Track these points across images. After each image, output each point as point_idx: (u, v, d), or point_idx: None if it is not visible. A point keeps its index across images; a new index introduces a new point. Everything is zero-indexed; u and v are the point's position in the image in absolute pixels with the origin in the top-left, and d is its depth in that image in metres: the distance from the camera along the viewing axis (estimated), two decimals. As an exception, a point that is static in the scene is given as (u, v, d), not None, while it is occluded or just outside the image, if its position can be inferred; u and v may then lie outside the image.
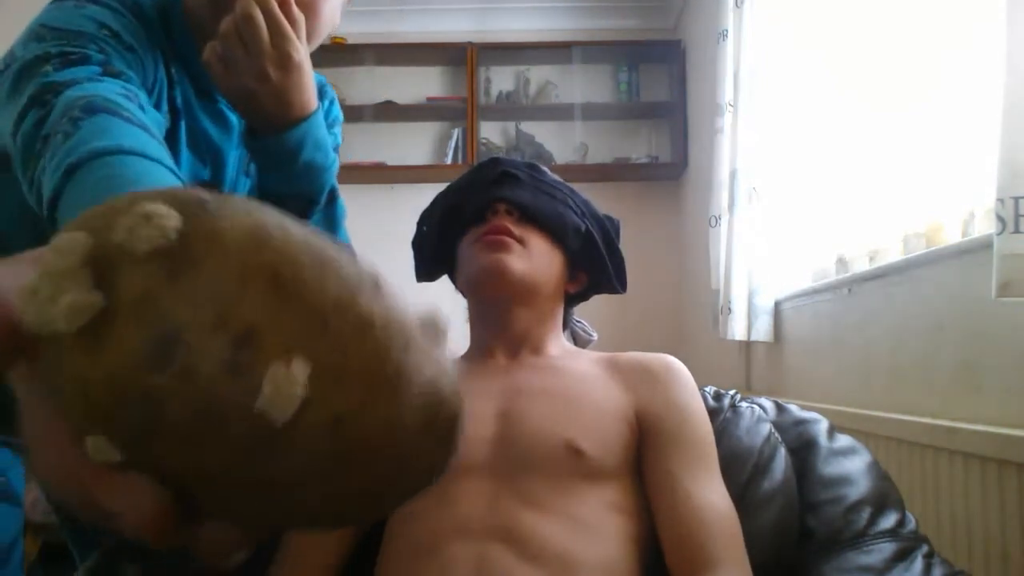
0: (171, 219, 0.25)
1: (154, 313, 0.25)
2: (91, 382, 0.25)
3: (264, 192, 0.82)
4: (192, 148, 0.81)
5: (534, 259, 0.91)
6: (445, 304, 1.16)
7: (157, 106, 0.74)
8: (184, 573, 0.91)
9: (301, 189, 0.81)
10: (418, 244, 1.01)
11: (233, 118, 0.84)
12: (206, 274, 0.25)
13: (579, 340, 1.11)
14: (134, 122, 0.59)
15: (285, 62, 0.73)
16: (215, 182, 0.84)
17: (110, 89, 0.63)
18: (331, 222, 0.85)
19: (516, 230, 0.91)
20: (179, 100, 0.79)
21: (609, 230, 1.00)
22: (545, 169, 0.99)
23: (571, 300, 1.03)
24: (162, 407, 0.24)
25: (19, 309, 0.25)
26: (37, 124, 0.60)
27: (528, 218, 0.91)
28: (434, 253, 1.01)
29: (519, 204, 0.91)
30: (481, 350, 0.96)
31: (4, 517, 0.86)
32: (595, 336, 1.12)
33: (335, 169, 0.84)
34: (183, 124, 0.80)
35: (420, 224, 1.02)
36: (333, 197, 0.85)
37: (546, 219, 0.92)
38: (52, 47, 0.66)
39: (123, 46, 0.70)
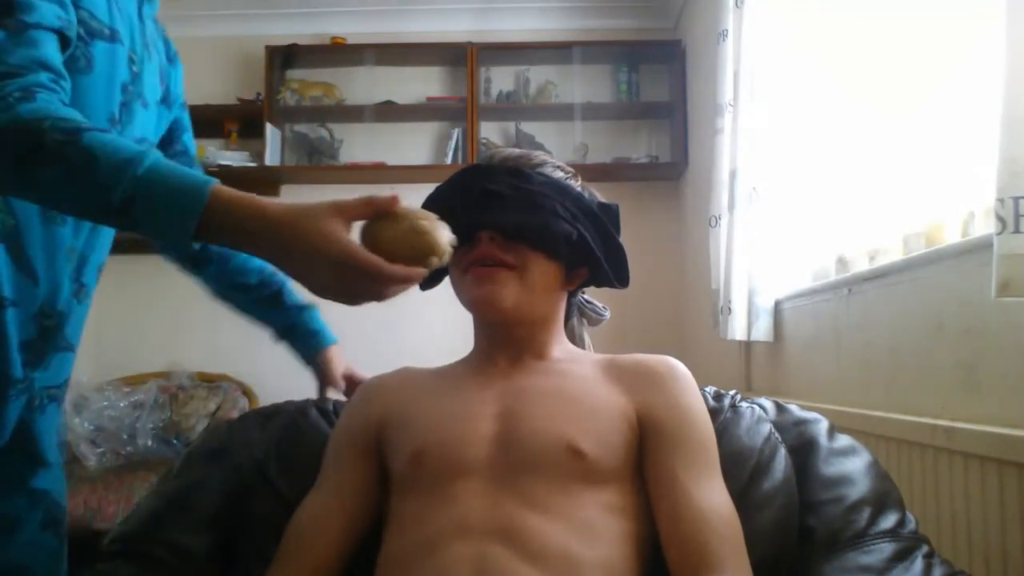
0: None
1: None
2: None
3: None
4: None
5: (527, 279, 0.89)
6: (448, 307, 1.13)
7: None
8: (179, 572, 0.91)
9: None
10: None
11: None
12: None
13: (591, 320, 1.09)
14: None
15: None
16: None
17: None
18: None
19: (504, 253, 0.88)
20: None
21: (606, 223, 0.96)
22: (534, 161, 0.95)
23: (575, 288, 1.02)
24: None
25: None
26: None
27: (515, 238, 0.89)
28: None
29: (503, 228, 0.88)
30: (483, 354, 0.96)
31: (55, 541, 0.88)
32: (607, 313, 1.09)
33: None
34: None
35: None
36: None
37: (534, 238, 0.89)
38: None
39: None
